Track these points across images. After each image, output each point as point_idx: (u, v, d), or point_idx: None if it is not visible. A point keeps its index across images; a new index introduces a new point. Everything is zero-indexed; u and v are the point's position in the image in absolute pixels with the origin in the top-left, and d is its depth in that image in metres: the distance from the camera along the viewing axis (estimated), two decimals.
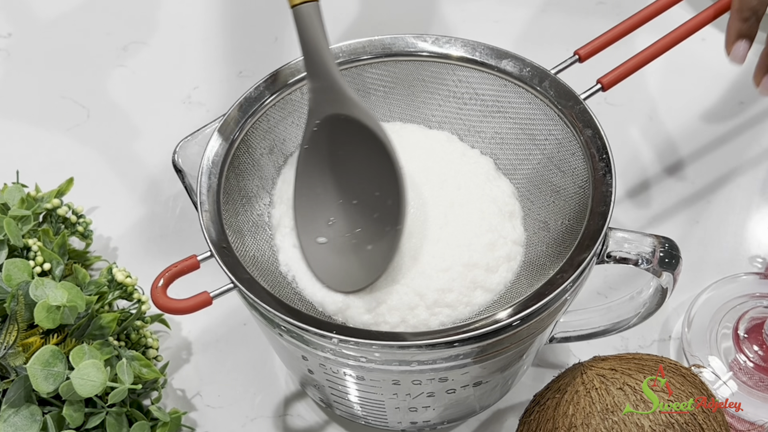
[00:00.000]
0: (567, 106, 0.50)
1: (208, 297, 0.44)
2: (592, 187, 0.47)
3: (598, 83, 0.51)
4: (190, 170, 0.49)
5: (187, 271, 0.45)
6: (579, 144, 0.49)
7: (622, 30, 0.53)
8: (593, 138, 0.49)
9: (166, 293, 0.44)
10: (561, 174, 0.51)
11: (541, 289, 0.44)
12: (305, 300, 0.48)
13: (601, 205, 0.47)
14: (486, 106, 0.54)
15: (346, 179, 0.50)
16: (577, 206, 0.49)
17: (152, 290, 0.44)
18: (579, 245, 0.45)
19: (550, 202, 0.51)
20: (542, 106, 0.51)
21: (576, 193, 0.49)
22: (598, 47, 0.52)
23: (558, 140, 0.51)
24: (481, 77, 0.53)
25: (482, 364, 0.45)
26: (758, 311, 0.58)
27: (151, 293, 0.44)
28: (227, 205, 0.48)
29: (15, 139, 0.73)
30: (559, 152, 0.51)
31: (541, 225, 0.51)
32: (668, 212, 0.66)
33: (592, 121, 0.49)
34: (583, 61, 0.52)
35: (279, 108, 0.52)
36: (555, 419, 0.49)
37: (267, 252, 0.50)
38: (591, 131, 0.49)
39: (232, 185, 0.50)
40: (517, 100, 0.52)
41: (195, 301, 0.44)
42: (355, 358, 0.44)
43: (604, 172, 0.47)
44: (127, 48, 0.78)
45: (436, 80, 0.54)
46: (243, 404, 0.58)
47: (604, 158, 0.48)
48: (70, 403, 0.50)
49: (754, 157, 0.69)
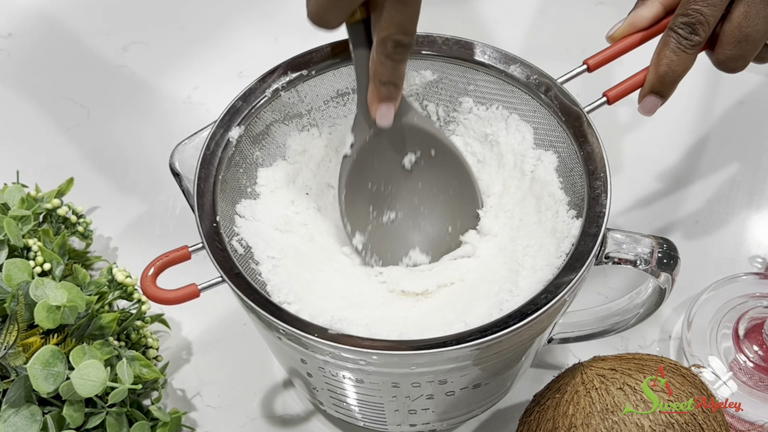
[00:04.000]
0: (571, 118, 0.50)
1: (195, 289, 0.44)
2: (588, 201, 0.47)
3: (604, 96, 0.51)
4: (188, 173, 0.49)
5: (178, 261, 0.45)
6: (578, 158, 0.49)
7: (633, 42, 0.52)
8: (592, 153, 0.48)
9: (155, 282, 0.44)
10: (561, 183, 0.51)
11: (540, 291, 0.44)
12: None
13: (598, 207, 0.46)
14: (492, 112, 0.54)
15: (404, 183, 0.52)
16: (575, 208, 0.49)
17: (142, 279, 0.45)
18: (577, 247, 0.45)
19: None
20: (547, 116, 0.51)
21: (572, 201, 0.49)
22: (608, 58, 0.52)
23: (558, 152, 0.51)
24: (488, 81, 0.53)
25: (481, 366, 0.45)
26: (758, 311, 0.58)
27: (140, 281, 0.45)
28: (223, 202, 0.48)
29: (15, 139, 0.73)
30: (559, 163, 0.51)
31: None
32: (668, 212, 0.66)
33: (593, 136, 0.49)
34: (591, 71, 0.52)
35: (272, 109, 0.52)
36: (555, 419, 0.49)
37: None
38: (592, 145, 0.49)
39: (229, 186, 0.50)
40: (523, 107, 0.53)
41: (183, 292, 0.44)
42: (354, 361, 0.44)
43: (600, 191, 0.47)
44: (127, 48, 0.78)
45: (443, 81, 0.54)
46: (243, 404, 0.58)
47: (601, 176, 0.47)
48: (70, 403, 0.50)
49: (754, 157, 0.69)
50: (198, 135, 0.50)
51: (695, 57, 0.51)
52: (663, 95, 0.51)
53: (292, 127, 0.53)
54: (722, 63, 0.51)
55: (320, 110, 0.54)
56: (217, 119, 0.50)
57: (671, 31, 0.50)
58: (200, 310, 0.62)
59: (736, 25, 0.50)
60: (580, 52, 0.53)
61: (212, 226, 0.46)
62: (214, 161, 0.49)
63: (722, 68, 0.52)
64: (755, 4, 0.49)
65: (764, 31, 0.50)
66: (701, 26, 0.49)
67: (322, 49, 0.52)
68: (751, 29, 0.49)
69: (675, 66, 0.50)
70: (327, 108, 0.54)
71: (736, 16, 0.50)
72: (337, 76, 0.53)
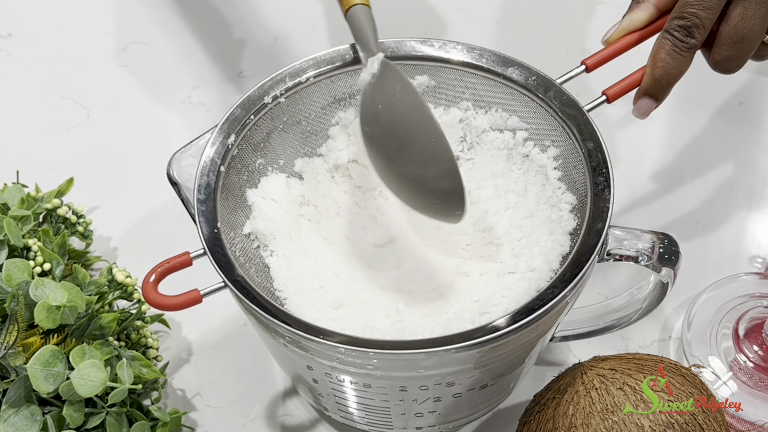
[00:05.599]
0: (571, 117, 0.50)
1: (198, 295, 0.44)
2: (591, 198, 0.47)
3: (604, 95, 0.51)
4: (185, 182, 0.49)
5: (179, 268, 0.45)
6: (581, 156, 0.49)
7: (630, 42, 0.52)
8: (594, 151, 0.48)
9: (156, 289, 0.44)
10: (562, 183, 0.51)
11: (544, 292, 0.44)
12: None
13: (601, 202, 0.46)
14: (492, 115, 0.54)
15: None
16: (577, 207, 0.49)
17: (143, 285, 0.45)
18: (582, 242, 0.45)
19: None
20: (547, 116, 0.51)
21: (575, 198, 0.50)
22: (606, 58, 0.52)
23: (560, 151, 0.51)
24: (487, 84, 0.53)
25: (488, 366, 0.46)
26: (758, 311, 0.58)
27: (142, 288, 0.45)
28: (224, 209, 0.48)
29: (15, 139, 0.73)
30: (561, 163, 0.51)
31: None
32: (668, 212, 0.66)
33: (594, 135, 0.49)
34: (590, 71, 0.52)
35: (270, 116, 0.52)
36: (555, 419, 0.49)
37: (260, 265, 0.50)
38: (593, 144, 0.49)
39: (230, 193, 0.50)
40: (522, 109, 0.53)
41: (185, 298, 0.44)
42: (362, 365, 0.44)
43: (602, 187, 0.47)
44: (127, 48, 0.78)
45: (441, 86, 0.54)
46: (243, 404, 0.58)
47: (603, 173, 0.47)
48: (70, 403, 0.50)
49: (754, 157, 0.69)
50: (194, 143, 0.50)
51: (691, 59, 0.51)
52: (657, 98, 0.51)
53: (291, 134, 0.54)
54: (718, 64, 0.51)
55: (318, 117, 0.54)
56: (216, 126, 0.50)
57: (667, 34, 0.50)
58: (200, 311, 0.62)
59: (733, 26, 0.50)
60: (580, 52, 0.53)
61: (214, 232, 0.46)
62: (215, 168, 0.49)
63: (718, 69, 0.52)
64: (751, 6, 0.49)
65: (760, 31, 0.50)
66: (697, 29, 0.49)
67: (320, 56, 0.53)
68: (748, 30, 0.49)
69: (670, 69, 0.50)
70: (325, 114, 0.54)
71: (733, 18, 0.50)
72: (335, 83, 0.53)
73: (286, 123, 0.53)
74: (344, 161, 0.54)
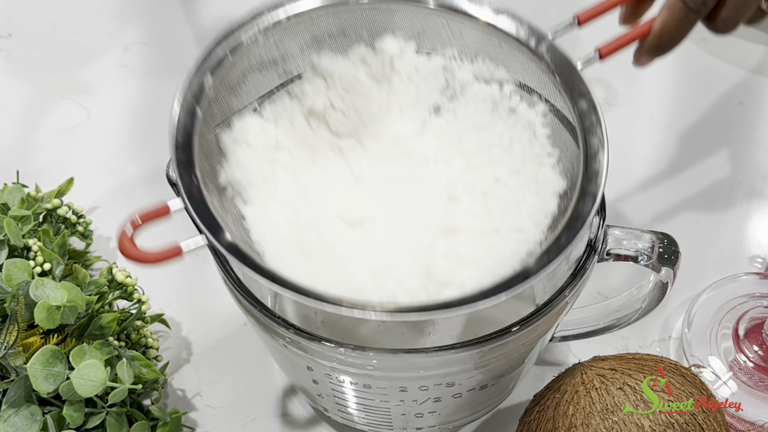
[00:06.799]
0: (564, 73, 0.47)
1: (179, 249, 0.42)
2: (584, 160, 0.44)
3: (596, 51, 0.48)
4: None
5: (155, 217, 0.43)
6: (573, 115, 0.46)
7: None
8: (588, 110, 0.46)
9: (134, 242, 0.42)
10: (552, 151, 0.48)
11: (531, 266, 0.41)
12: None
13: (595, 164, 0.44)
14: (478, 66, 0.51)
15: None
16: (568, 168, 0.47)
17: (120, 239, 0.42)
18: (576, 206, 0.43)
19: None
20: (536, 71, 0.48)
21: (567, 159, 0.47)
22: (599, 11, 0.50)
23: (549, 108, 0.48)
24: (473, 31, 0.50)
25: (488, 367, 0.45)
26: (758, 311, 0.58)
27: (118, 242, 0.42)
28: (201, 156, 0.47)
29: (15, 139, 0.73)
30: (550, 120, 0.48)
31: None
32: (668, 212, 0.66)
33: (587, 93, 0.46)
34: (581, 25, 0.49)
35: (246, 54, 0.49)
36: (555, 419, 0.49)
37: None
38: (586, 103, 0.46)
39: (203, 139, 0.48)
40: (511, 61, 0.49)
41: (165, 252, 0.42)
42: (362, 366, 0.44)
43: (596, 149, 0.44)
44: (127, 48, 0.78)
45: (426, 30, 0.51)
46: (243, 404, 0.58)
47: (597, 134, 0.45)
48: (70, 403, 0.50)
49: (754, 157, 0.69)
50: None
51: (696, 22, 0.50)
52: (660, 56, 0.51)
53: (268, 75, 0.51)
54: (721, 23, 0.51)
55: (296, 57, 0.51)
56: (191, 68, 0.48)
57: (680, 2, 0.50)
58: (200, 310, 0.62)
59: None
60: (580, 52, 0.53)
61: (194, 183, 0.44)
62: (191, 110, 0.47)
63: (714, 28, 0.52)
64: None
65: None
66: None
67: None
68: None
69: (676, 34, 0.50)
70: (302, 54, 0.51)
71: None
72: (315, 21, 0.50)
73: (263, 62, 0.50)
74: (320, 107, 0.51)
